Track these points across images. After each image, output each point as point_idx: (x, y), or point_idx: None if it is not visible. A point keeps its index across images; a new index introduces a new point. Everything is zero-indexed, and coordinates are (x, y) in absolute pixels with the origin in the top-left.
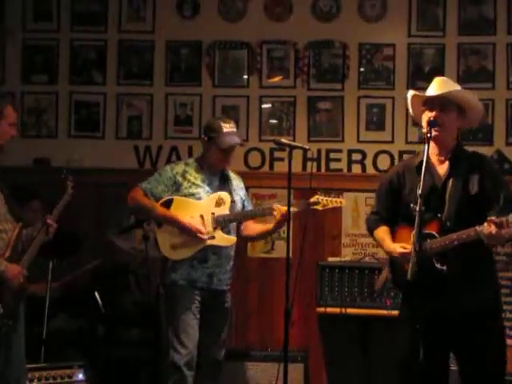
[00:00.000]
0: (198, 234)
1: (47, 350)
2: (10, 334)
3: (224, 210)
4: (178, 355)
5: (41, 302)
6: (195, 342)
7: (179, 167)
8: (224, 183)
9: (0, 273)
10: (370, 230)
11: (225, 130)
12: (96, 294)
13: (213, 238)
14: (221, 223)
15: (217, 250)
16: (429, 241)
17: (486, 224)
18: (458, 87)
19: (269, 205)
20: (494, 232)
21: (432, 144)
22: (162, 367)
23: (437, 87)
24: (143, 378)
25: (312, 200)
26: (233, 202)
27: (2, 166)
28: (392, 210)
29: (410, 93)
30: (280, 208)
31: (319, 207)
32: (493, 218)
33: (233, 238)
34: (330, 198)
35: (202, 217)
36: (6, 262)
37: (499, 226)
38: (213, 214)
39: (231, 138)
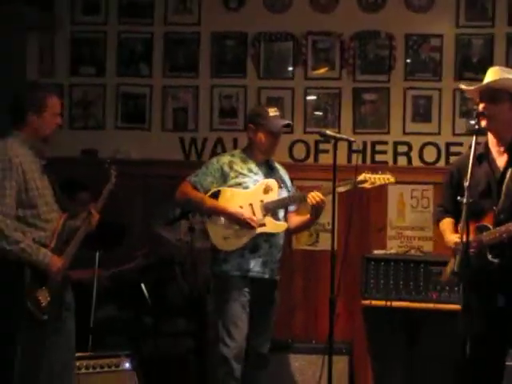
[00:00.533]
0: (249, 222)
1: (94, 340)
2: (59, 321)
3: (272, 197)
4: (228, 348)
5: (89, 291)
6: (244, 334)
7: (225, 158)
8: (270, 172)
9: (45, 265)
10: (436, 222)
11: (271, 114)
12: (142, 285)
13: (263, 225)
14: (270, 210)
15: (268, 238)
16: (484, 233)
17: None
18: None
19: (304, 194)
20: None
21: (491, 136)
22: (209, 358)
23: (488, 78)
24: (189, 368)
25: (359, 178)
26: (280, 187)
27: (51, 157)
28: (455, 202)
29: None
30: (313, 194)
31: (367, 185)
32: None
33: (283, 224)
34: (378, 176)
35: (251, 205)
36: (50, 253)
37: None
38: (261, 201)
39: (279, 120)
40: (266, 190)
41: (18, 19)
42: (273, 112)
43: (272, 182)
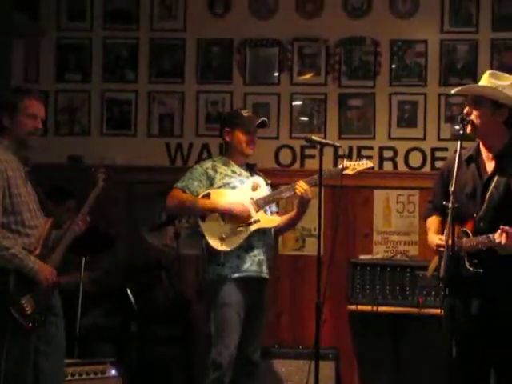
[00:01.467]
0: (244, 212)
1: (80, 346)
2: (49, 329)
3: (261, 193)
4: (220, 355)
5: (74, 297)
6: (237, 341)
7: (208, 163)
8: (251, 171)
9: (33, 273)
10: (424, 218)
11: (245, 114)
12: (128, 290)
13: (258, 221)
14: (262, 205)
15: (261, 236)
16: (464, 239)
17: (497, 233)
18: (503, 82)
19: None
20: (503, 242)
21: (481, 141)
22: (195, 364)
23: (480, 82)
24: (175, 373)
25: (342, 166)
26: (267, 184)
27: (37, 163)
28: (443, 201)
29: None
30: (300, 183)
31: (349, 171)
32: (505, 227)
33: (277, 218)
34: (358, 162)
35: (241, 204)
36: (37, 260)
37: (509, 236)
38: (251, 198)
39: (253, 119)
40: (255, 187)
41: (3, 25)
42: (246, 113)
43: (258, 179)
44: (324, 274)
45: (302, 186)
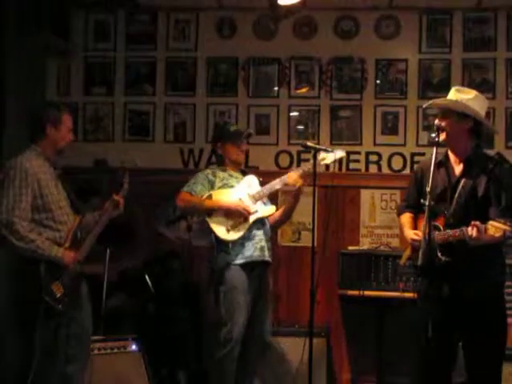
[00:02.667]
0: (246, 209)
1: (105, 325)
2: (76, 311)
3: (256, 188)
4: (231, 333)
5: (100, 283)
6: (245, 321)
7: (208, 170)
8: (245, 174)
9: (58, 259)
10: (398, 215)
11: (232, 128)
12: (146, 276)
13: (256, 212)
14: (258, 198)
15: (260, 226)
16: (436, 233)
17: (470, 227)
18: (467, 95)
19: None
20: (474, 235)
21: (449, 147)
22: (204, 340)
23: (448, 96)
24: (187, 349)
25: (319, 158)
26: (260, 179)
27: (67, 166)
28: (416, 199)
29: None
30: (291, 174)
31: (328, 162)
32: (476, 222)
33: (273, 207)
34: (333, 153)
35: (240, 200)
36: (62, 249)
37: (479, 230)
38: (248, 193)
39: (239, 132)
40: (249, 185)
41: (39, 46)
42: (232, 127)
43: (252, 177)
44: (317, 262)
45: (292, 176)
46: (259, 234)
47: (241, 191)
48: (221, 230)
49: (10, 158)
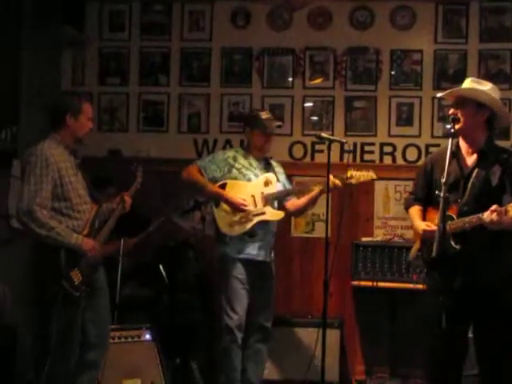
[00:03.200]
0: (240, 206)
1: (120, 314)
2: (94, 299)
3: (272, 189)
4: (231, 320)
5: (114, 272)
6: (244, 307)
7: (230, 152)
8: (268, 167)
9: (78, 246)
10: (406, 208)
11: (263, 116)
12: (160, 266)
13: (263, 213)
14: (270, 200)
15: (264, 225)
16: (449, 222)
17: (488, 212)
18: (483, 87)
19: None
20: (494, 219)
21: (462, 138)
22: (216, 329)
23: (462, 87)
24: (199, 338)
25: (347, 175)
26: (278, 181)
27: (82, 156)
28: (425, 192)
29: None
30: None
31: (353, 181)
32: (495, 206)
33: (280, 213)
34: (362, 173)
35: (253, 196)
36: (81, 236)
37: (499, 214)
38: (262, 193)
39: (270, 122)
40: (266, 183)
41: (54, 36)
42: (265, 115)
43: (271, 175)
44: (331, 253)
45: (311, 191)
46: (260, 234)
47: (256, 188)
48: (223, 223)
49: (30, 146)
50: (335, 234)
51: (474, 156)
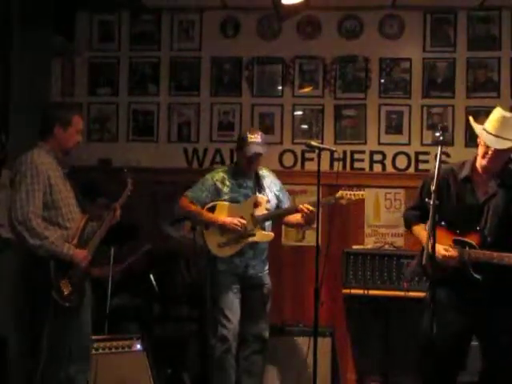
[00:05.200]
0: (234, 228)
1: (110, 324)
2: (80, 307)
3: (262, 211)
4: (226, 329)
5: (105, 283)
6: (238, 316)
7: (218, 175)
8: (258, 183)
9: (70, 257)
10: (409, 224)
11: (250, 140)
12: (151, 276)
13: (253, 235)
14: (259, 222)
15: (253, 245)
16: (467, 248)
17: None
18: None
19: (296, 205)
20: None
21: (479, 162)
22: (208, 339)
23: (504, 130)
24: (191, 349)
25: (337, 195)
26: (268, 201)
27: (72, 165)
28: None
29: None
30: (303, 206)
31: (343, 202)
32: None
33: (270, 234)
34: (353, 192)
35: (242, 218)
36: (72, 246)
37: None
38: (251, 214)
39: (254, 147)
40: (256, 205)
41: (44, 46)
42: (252, 138)
43: (261, 197)
44: (322, 262)
45: (303, 208)
46: (249, 253)
47: (246, 210)
48: (213, 245)
49: (19, 155)
50: (326, 242)
51: (491, 182)
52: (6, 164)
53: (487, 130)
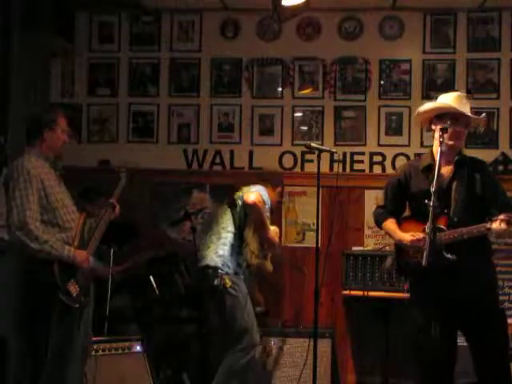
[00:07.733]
0: None
1: (110, 326)
2: (84, 308)
3: None
4: (255, 336)
5: (105, 284)
6: None
7: None
8: None
9: (71, 259)
10: (379, 222)
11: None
12: (151, 277)
13: None
14: None
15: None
16: (438, 233)
17: (497, 222)
18: (468, 104)
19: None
20: (504, 228)
21: (438, 148)
22: (209, 342)
23: (462, 105)
24: (192, 350)
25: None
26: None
27: (72, 166)
28: (398, 205)
29: (438, 104)
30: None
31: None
32: (502, 216)
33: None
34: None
35: None
36: (72, 248)
37: (508, 223)
38: None
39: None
40: None
41: (44, 47)
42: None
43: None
44: (321, 263)
45: None
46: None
47: None
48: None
49: (18, 156)
50: (325, 243)
51: (450, 166)
52: (6, 165)
53: (443, 106)
